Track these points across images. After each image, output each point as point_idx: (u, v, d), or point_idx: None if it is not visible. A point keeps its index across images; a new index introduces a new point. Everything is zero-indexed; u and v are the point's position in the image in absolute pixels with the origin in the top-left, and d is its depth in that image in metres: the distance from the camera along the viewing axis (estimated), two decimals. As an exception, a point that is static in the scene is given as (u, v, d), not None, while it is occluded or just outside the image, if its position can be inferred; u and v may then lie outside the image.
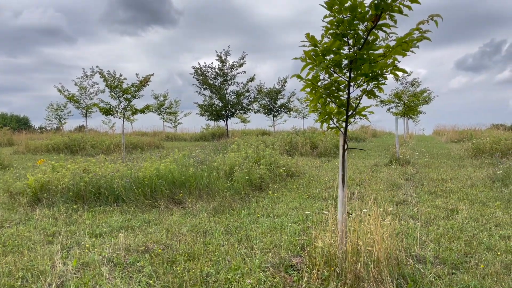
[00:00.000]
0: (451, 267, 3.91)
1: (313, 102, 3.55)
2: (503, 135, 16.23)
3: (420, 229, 5.12)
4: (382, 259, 3.54)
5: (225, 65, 22.43)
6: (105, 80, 13.58)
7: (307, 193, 7.70)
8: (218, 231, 5.22)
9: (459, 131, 25.26)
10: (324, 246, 3.77)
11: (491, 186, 7.99)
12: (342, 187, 3.78)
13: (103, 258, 4.25)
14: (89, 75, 25.32)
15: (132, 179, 7.24)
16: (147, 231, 5.34)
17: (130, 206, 6.76)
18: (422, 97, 20.67)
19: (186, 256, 4.31)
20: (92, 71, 24.97)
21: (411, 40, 2.94)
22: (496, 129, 25.65)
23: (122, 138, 13.79)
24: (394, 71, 3.22)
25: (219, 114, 22.75)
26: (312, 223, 5.49)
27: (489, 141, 13.97)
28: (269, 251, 4.42)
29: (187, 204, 6.82)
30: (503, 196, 6.98)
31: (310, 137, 16.54)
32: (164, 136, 27.95)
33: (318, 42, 3.18)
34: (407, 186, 8.35)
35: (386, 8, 2.76)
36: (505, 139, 13.89)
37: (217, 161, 8.80)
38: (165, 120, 35.75)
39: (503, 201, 6.62)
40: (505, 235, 4.81)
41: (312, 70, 3.30)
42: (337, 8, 2.93)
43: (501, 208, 6.18)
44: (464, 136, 22.00)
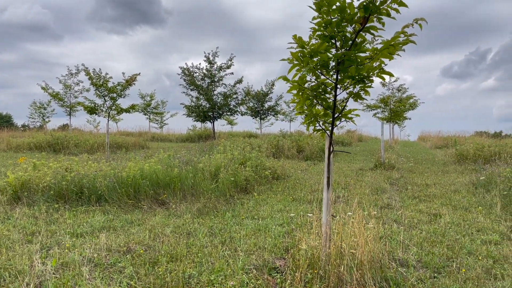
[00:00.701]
0: (433, 271, 3.93)
1: (299, 104, 3.53)
2: (486, 142, 16.50)
3: (404, 233, 5.14)
4: (365, 262, 3.53)
5: (213, 66, 22.36)
6: (91, 78, 13.40)
7: (292, 196, 7.70)
8: (201, 233, 5.17)
9: (444, 137, 25.62)
10: (308, 249, 3.75)
11: (474, 192, 8.09)
12: (327, 189, 3.77)
13: (83, 258, 4.16)
14: (74, 73, 25.01)
15: (115, 178, 7.14)
16: (129, 232, 5.26)
17: (113, 206, 6.66)
18: (408, 103, 20.90)
19: (168, 257, 4.25)
20: (77, 69, 24.68)
21: (397, 43, 2.95)
22: (480, 136, 26.08)
23: (106, 138, 13.62)
24: (380, 74, 3.22)
25: (206, 115, 22.65)
26: (296, 226, 5.47)
27: (472, 148, 14.18)
28: (252, 253, 4.39)
29: (171, 205, 6.74)
30: (485, 201, 7.07)
31: (297, 140, 16.58)
32: (149, 137, 27.70)
33: (306, 44, 3.17)
34: (392, 190, 8.41)
35: (374, 10, 2.77)
36: (488, 146, 14.12)
37: (202, 162, 8.74)
38: (151, 120, 35.48)
39: (485, 206, 6.70)
40: (487, 240, 4.86)
41: (299, 71, 3.29)
42: (326, 9, 2.92)
43: (483, 213, 6.26)
44: (448, 143, 22.31)
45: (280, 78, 3.46)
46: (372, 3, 2.75)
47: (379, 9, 2.80)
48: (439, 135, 28.63)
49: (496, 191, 7.33)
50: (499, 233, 5.18)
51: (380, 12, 2.83)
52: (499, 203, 6.56)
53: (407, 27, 3.02)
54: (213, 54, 22.27)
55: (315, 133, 3.85)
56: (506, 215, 6.09)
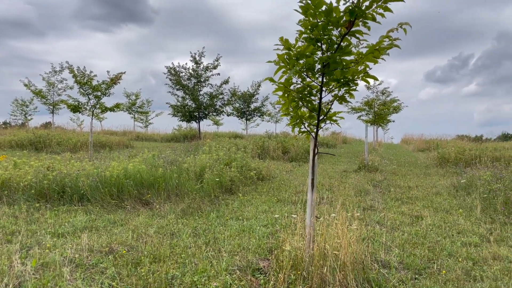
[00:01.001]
0: (414, 273, 3.99)
1: (285, 105, 3.55)
2: (467, 145, 16.82)
3: (386, 235, 5.20)
4: (348, 263, 3.57)
5: (199, 66, 22.27)
6: (75, 76, 13.23)
7: (277, 197, 7.72)
8: (185, 233, 5.15)
9: (426, 140, 26.02)
10: (292, 250, 3.77)
11: (455, 195, 8.24)
12: (311, 191, 3.80)
13: (64, 258, 4.10)
14: (57, 70, 24.58)
15: (98, 178, 7.05)
16: (112, 232, 5.21)
17: (96, 206, 6.58)
18: (392, 106, 21.14)
19: (151, 258, 4.22)
20: (61, 67, 24.28)
21: (382, 47, 2.99)
22: (461, 140, 26.56)
23: (90, 136, 13.45)
24: (365, 78, 3.26)
25: (192, 115, 22.53)
26: (280, 227, 5.49)
27: (454, 151, 14.43)
28: (236, 254, 4.39)
29: (155, 205, 6.69)
30: (465, 204, 7.20)
31: (282, 141, 16.63)
32: (134, 136, 27.45)
33: (292, 46, 3.19)
34: (375, 192, 8.50)
35: (360, 14, 2.80)
36: (469, 150, 14.39)
37: (187, 163, 8.70)
38: (136, 119, 35.16)
39: (466, 209, 6.83)
40: (467, 242, 4.95)
41: (286, 73, 3.31)
42: (312, 12, 2.94)
43: (464, 216, 6.37)
44: (431, 146, 22.66)
45: (267, 80, 3.47)
46: (358, 8, 2.78)
47: (364, 14, 2.84)
48: (422, 138, 29.07)
49: (476, 194, 7.47)
50: (478, 235, 5.28)
51: (366, 16, 2.87)
52: (479, 205, 6.69)
53: (391, 32, 3.06)
54: (200, 54, 22.19)
55: (300, 134, 3.87)
56: (485, 217, 6.22)
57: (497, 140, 36.39)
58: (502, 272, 3.97)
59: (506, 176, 7.95)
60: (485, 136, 38.05)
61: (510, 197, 6.59)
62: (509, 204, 6.47)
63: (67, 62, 15.80)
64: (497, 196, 6.78)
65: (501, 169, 9.41)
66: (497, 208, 6.47)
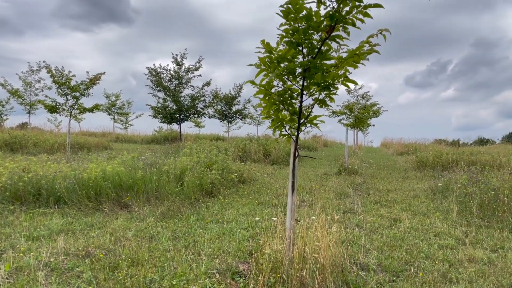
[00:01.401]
0: (392, 275, 4.04)
1: (266, 108, 3.55)
2: (444, 149, 17.17)
3: (365, 238, 5.26)
4: (327, 266, 3.59)
5: (180, 68, 22.12)
6: (52, 76, 12.95)
7: (258, 200, 7.71)
8: (165, 236, 5.09)
9: (405, 144, 26.43)
10: (272, 253, 3.77)
11: (432, 198, 8.39)
12: (291, 194, 3.81)
13: (39, 262, 4.00)
14: (35, 70, 24.05)
15: (75, 180, 6.92)
16: (89, 235, 5.11)
17: (72, 209, 6.45)
18: (372, 110, 21.43)
19: (129, 261, 4.15)
20: (39, 66, 23.75)
21: (362, 52, 3.02)
22: (439, 144, 27.11)
23: (67, 137, 13.19)
24: (345, 82, 3.29)
25: (173, 117, 22.35)
26: (261, 230, 5.49)
27: (431, 155, 14.71)
28: (216, 257, 4.36)
29: (134, 208, 6.60)
30: (442, 207, 7.34)
31: (264, 144, 16.65)
32: (113, 137, 27.05)
33: (273, 49, 3.20)
34: (354, 195, 8.59)
35: (340, 19, 2.83)
36: (446, 154, 14.69)
37: (167, 165, 8.62)
38: (115, 120, 34.65)
39: (442, 212, 6.96)
40: (443, 245, 5.04)
41: (267, 76, 3.31)
42: (293, 16, 2.95)
43: (440, 218, 6.49)
44: (409, 149, 23.04)
45: (248, 82, 3.47)
46: (338, 13, 2.81)
47: (344, 19, 2.87)
48: (401, 142, 29.52)
49: (452, 197, 7.63)
50: (455, 238, 5.39)
51: (346, 21, 2.90)
52: (455, 209, 6.83)
53: (371, 37, 3.10)
54: (181, 56, 22.05)
55: (281, 137, 3.88)
56: (461, 220, 6.35)
57: (473, 144, 37.32)
58: (477, 274, 4.05)
59: (482, 180, 8.14)
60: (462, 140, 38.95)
61: (485, 200, 6.75)
62: (484, 207, 6.63)
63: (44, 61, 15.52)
64: (473, 200, 6.94)
65: (476, 173, 9.64)
66: (472, 211, 6.62)
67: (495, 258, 4.56)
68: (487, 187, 7.30)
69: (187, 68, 22.13)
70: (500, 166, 12.51)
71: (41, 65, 23.17)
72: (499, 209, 6.37)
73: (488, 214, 6.40)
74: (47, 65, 13.19)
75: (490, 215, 6.38)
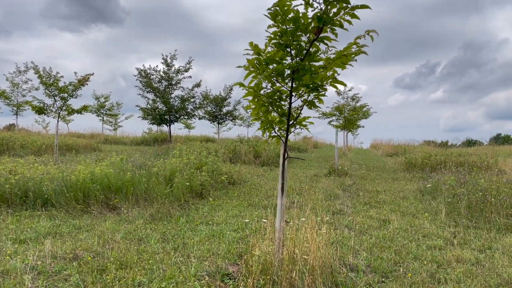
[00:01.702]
0: (381, 276, 4.06)
1: (255, 110, 3.55)
2: (433, 151, 17.32)
3: (354, 239, 5.28)
4: (316, 267, 3.59)
5: (170, 69, 22.01)
6: (40, 77, 12.81)
7: (248, 201, 7.70)
8: (154, 239, 5.05)
9: (394, 145, 26.64)
10: (261, 254, 3.76)
11: (421, 199, 8.45)
12: (281, 195, 3.80)
13: (26, 266, 3.95)
14: (22, 70, 23.77)
15: (63, 182, 6.84)
16: (77, 238, 5.05)
17: (60, 211, 6.38)
18: (362, 111, 21.55)
19: (118, 264, 4.11)
20: (26, 67, 23.48)
21: (349, 53, 3.04)
22: (428, 145, 27.37)
23: (55, 139, 13.05)
24: (333, 83, 3.30)
25: (163, 118, 22.21)
26: (251, 231, 5.48)
27: (420, 156, 14.83)
28: (206, 260, 4.34)
29: (122, 210, 6.55)
30: (431, 208, 7.40)
31: (254, 145, 16.64)
32: (102, 139, 26.81)
33: (262, 51, 3.20)
34: (344, 196, 8.62)
35: (328, 21, 2.83)
36: (435, 155, 14.83)
37: (157, 166, 8.57)
38: (104, 122, 34.37)
39: (431, 213, 7.02)
40: (432, 245, 5.08)
41: (255, 78, 3.31)
42: (281, 18, 2.96)
43: (429, 219, 6.54)
44: (399, 151, 23.22)
45: (237, 85, 3.46)
46: (325, 14, 2.81)
47: (332, 20, 2.87)
48: (390, 143, 29.75)
49: (441, 198, 7.69)
50: (443, 238, 5.43)
51: (334, 23, 2.90)
52: (443, 209, 6.89)
53: (359, 38, 3.11)
54: (171, 57, 21.94)
55: (270, 139, 3.88)
56: (449, 221, 6.41)
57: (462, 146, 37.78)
58: (465, 274, 4.09)
59: (469, 181, 8.23)
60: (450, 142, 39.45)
61: (473, 201, 6.82)
62: (472, 208, 6.70)
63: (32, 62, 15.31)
64: (461, 201, 7.01)
65: (464, 174, 9.73)
66: (460, 212, 6.69)
67: (483, 258, 4.60)
68: (474, 188, 7.38)
69: (177, 69, 22.02)
70: (488, 167, 12.67)
71: (29, 65, 22.96)
72: (486, 210, 6.45)
73: (476, 215, 6.47)
74: (34, 66, 13.05)
75: (478, 215, 6.45)
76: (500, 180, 8.11)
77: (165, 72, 21.95)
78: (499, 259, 4.56)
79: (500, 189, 7.14)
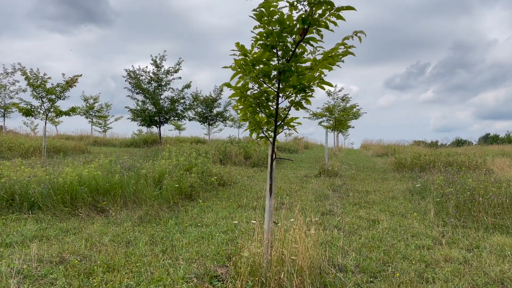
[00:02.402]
0: (370, 276, 4.06)
1: (242, 111, 3.53)
2: (422, 151, 17.44)
3: (343, 239, 5.28)
4: (305, 268, 3.58)
5: (160, 70, 21.90)
6: (27, 78, 12.68)
7: (238, 203, 7.68)
8: (142, 241, 5.01)
9: (384, 146, 26.80)
10: (250, 256, 3.74)
11: (410, 199, 8.50)
12: (269, 196, 3.79)
13: (11, 269, 3.89)
14: (9, 72, 23.50)
15: (50, 185, 6.75)
16: (64, 241, 4.99)
17: (47, 214, 6.30)
18: (351, 112, 21.65)
19: (105, 267, 4.07)
20: (14, 68, 23.22)
21: (336, 54, 3.04)
22: (418, 146, 27.57)
23: (43, 141, 12.91)
24: (320, 84, 3.30)
25: (152, 119, 22.09)
26: (240, 233, 5.46)
27: (410, 156, 14.93)
28: (194, 262, 4.31)
29: (110, 212, 6.48)
30: (420, 208, 7.44)
31: (244, 146, 16.61)
32: (91, 141, 26.55)
33: (248, 52, 3.18)
34: (334, 197, 8.64)
35: (313, 22, 2.83)
36: (424, 155, 14.93)
37: (145, 168, 8.50)
38: (93, 124, 34.09)
39: (420, 212, 7.05)
40: (420, 245, 5.10)
41: (242, 79, 3.29)
42: (266, 19, 2.95)
43: (418, 219, 6.58)
44: (388, 151, 23.35)
45: (224, 85, 3.44)
46: (310, 16, 2.81)
47: (318, 21, 2.87)
48: (380, 143, 29.94)
49: (430, 198, 7.74)
50: (431, 238, 5.46)
51: (319, 24, 2.90)
52: (432, 209, 6.93)
53: (347, 39, 3.12)
54: (161, 58, 21.84)
55: (258, 140, 3.86)
56: (438, 221, 6.45)
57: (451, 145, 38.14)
58: (452, 273, 4.11)
59: (458, 180, 8.29)
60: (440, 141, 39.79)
61: (461, 200, 6.87)
62: (460, 207, 6.74)
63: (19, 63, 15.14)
64: (449, 200, 7.06)
65: (453, 173, 9.81)
66: (449, 212, 6.73)
67: (471, 257, 4.63)
68: (463, 187, 7.43)
69: (166, 70, 21.92)
70: (476, 166, 12.79)
71: (16, 67, 22.68)
72: (474, 209, 6.50)
73: (464, 214, 6.52)
74: (21, 67, 12.90)
75: (466, 215, 6.50)
76: (488, 179, 8.19)
77: (155, 73, 21.83)
78: (487, 258, 4.60)
79: (488, 188, 7.21)
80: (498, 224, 6.07)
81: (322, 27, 2.90)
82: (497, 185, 7.47)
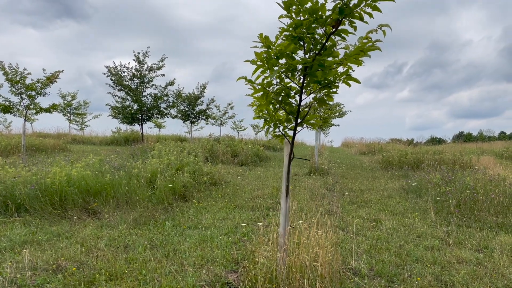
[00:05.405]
0: (387, 280, 3.91)
1: (261, 107, 3.31)
2: (408, 149, 17.53)
3: (351, 240, 5.13)
4: (325, 274, 3.40)
5: (143, 67, 21.37)
6: (5, 74, 12.06)
7: (234, 203, 7.45)
8: (141, 245, 4.73)
9: (367, 144, 26.94)
10: (266, 262, 3.53)
11: (406, 197, 8.44)
12: (285, 198, 3.59)
13: (4, 279, 3.58)
14: (-16, 67, 22.49)
15: (37, 186, 6.37)
16: (57, 246, 4.67)
17: (35, 217, 5.93)
18: (336, 110, 21.64)
19: (107, 275, 3.79)
20: (-11, 63, 22.22)
21: (367, 49, 2.85)
22: (397, 143, 27.85)
23: (22, 139, 12.34)
24: (346, 80, 3.11)
25: (134, 117, 21.54)
26: (242, 235, 5.25)
27: (397, 155, 14.98)
28: (201, 267, 4.07)
29: (103, 214, 6.15)
30: (418, 207, 7.38)
31: (231, 145, 16.36)
32: (70, 139, 25.72)
33: (272, 44, 2.96)
34: (330, 196, 8.50)
35: (348, 13, 2.63)
36: (411, 153, 15.01)
37: (136, 168, 8.16)
38: (71, 121, 33.08)
39: (420, 212, 6.98)
40: (429, 246, 5.00)
41: (263, 73, 3.07)
42: (296, 8, 2.73)
43: (419, 218, 6.50)
44: (372, 149, 23.48)
45: (241, 79, 3.22)
46: (346, 6, 2.61)
47: (352, 12, 2.68)
48: (362, 141, 30.09)
49: (427, 196, 7.69)
50: (438, 238, 5.37)
51: (353, 15, 2.71)
52: (432, 208, 6.86)
53: (371, 33, 2.93)
54: (144, 54, 21.30)
55: (274, 138, 3.66)
56: (440, 220, 6.38)
57: (427, 143, 38.75)
58: (470, 276, 4.00)
59: (456, 179, 8.26)
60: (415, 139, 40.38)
61: (462, 199, 6.83)
62: (461, 206, 6.70)
63: (-5, 58, 14.46)
64: (450, 199, 7.00)
65: (447, 172, 9.81)
66: (450, 211, 6.67)
67: (483, 258, 4.55)
68: (462, 186, 7.40)
69: (149, 66, 21.41)
70: (466, 165, 12.90)
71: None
72: (476, 208, 6.46)
73: (466, 213, 6.48)
74: (-1, 62, 12.26)
75: (468, 214, 6.45)
76: (484, 178, 8.20)
77: (137, 70, 21.30)
78: (499, 259, 4.51)
79: (487, 187, 7.20)
80: (502, 223, 6.04)
81: (356, 18, 2.71)
82: (494, 183, 7.47)
